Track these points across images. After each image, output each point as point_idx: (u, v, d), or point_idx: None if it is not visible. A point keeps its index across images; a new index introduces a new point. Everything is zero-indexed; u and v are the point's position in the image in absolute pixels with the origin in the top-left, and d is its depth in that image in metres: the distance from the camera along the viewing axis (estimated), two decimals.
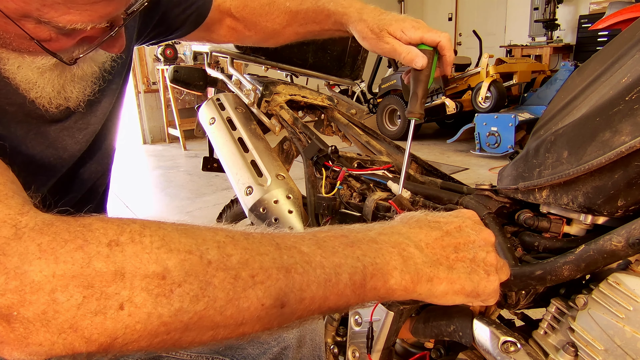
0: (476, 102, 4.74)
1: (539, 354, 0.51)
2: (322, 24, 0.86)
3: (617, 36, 0.62)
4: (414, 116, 0.74)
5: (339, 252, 0.41)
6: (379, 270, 0.41)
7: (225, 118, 1.16)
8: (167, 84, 5.40)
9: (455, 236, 0.48)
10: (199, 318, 0.33)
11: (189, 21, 0.87)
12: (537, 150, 0.54)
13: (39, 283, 0.30)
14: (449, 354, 0.68)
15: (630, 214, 0.47)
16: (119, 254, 0.32)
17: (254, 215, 0.94)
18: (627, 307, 0.44)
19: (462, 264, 0.46)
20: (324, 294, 0.38)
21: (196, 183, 4.07)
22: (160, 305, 0.32)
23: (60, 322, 0.30)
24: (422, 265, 0.44)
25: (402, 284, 0.42)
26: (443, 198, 0.70)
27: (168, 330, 0.32)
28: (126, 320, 0.31)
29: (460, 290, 0.45)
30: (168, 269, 0.33)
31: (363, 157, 0.93)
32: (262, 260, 0.36)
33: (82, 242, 0.32)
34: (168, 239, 0.34)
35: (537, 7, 6.42)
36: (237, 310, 0.34)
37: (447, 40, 0.74)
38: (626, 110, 0.43)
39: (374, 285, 0.41)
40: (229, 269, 0.35)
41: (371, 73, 6.17)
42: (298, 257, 0.38)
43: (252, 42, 0.99)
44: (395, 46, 0.75)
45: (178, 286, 0.32)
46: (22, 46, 0.49)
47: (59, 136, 0.62)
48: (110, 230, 0.33)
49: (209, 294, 0.33)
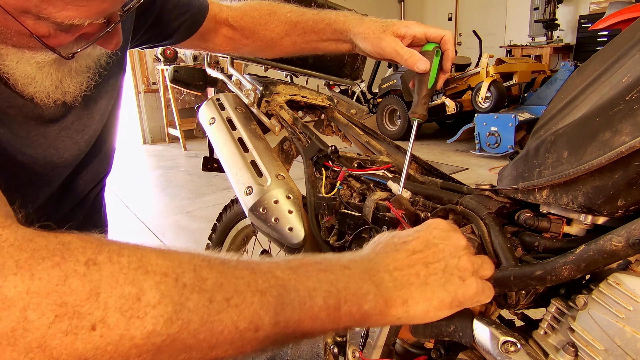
0: (476, 102, 4.74)
1: (539, 354, 0.51)
2: (320, 34, 0.86)
3: (617, 36, 0.62)
4: (416, 117, 0.74)
5: (312, 277, 0.41)
6: (352, 295, 0.42)
7: (225, 118, 1.16)
8: (167, 84, 5.40)
9: (422, 251, 0.48)
10: (172, 341, 0.33)
11: (182, 28, 0.87)
12: (537, 150, 0.54)
13: (12, 299, 0.29)
14: (449, 354, 0.68)
15: (630, 214, 0.47)
16: (96, 273, 0.32)
17: (254, 215, 0.94)
18: (627, 307, 0.44)
19: (434, 277, 0.46)
20: (299, 317, 0.38)
21: (196, 183, 4.07)
22: (133, 327, 0.31)
23: (28, 341, 0.29)
24: (394, 290, 0.44)
25: (377, 308, 0.43)
26: (443, 198, 0.70)
27: (139, 352, 0.32)
28: (97, 342, 0.30)
29: (440, 305, 0.45)
30: (143, 290, 0.32)
31: (363, 157, 0.93)
32: (237, 284, 0.37)
33: (59, 260, 0.31)
34: (145, 261, 0.34)
35: (537, 7, 6.43)
36: (210, 334, 0.34)
37: (450, 35, 0.76)
38: (626, 110, 0.43)
39: (349, 310, 0.41)
40: (204, 292, 0.35)
41: (371, 73, 6.17)
42: (272, 282, 0.39)
43: (248, 52, 0.98)
44: (397, 48, 0.75)
45: (152, 308, 0.32)
46: (21, 42, 0.50)
47: (59, 136, 0.63)
48: (88, 250, 0.33)
49: (183, 316, 0.33)
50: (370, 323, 0.44)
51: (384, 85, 5.67)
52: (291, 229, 0.88)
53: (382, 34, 0.76)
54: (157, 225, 3.12)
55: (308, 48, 0.91)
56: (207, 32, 0.92)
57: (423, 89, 0.74)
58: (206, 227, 2.62)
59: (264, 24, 0.90)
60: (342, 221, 0.79)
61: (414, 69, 0.75)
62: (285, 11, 0.90)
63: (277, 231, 0.90)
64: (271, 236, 0.93)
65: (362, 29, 0.79)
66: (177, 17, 0.85)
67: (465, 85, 5.09)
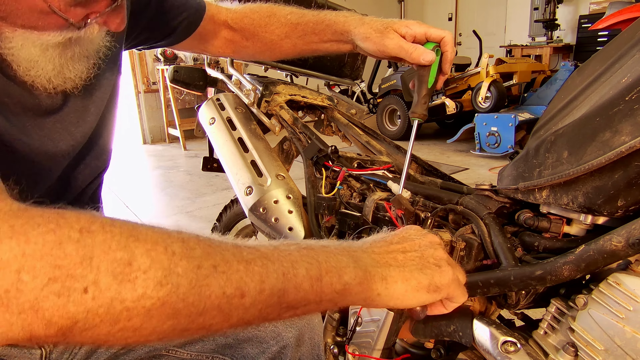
0: (476, 102, 4.74)
1: (539, 354, 0.51)
2: (321, 35, 0.86)
3: (617, 36, 0.62)
4: (416, 117, 0.74)
5: (294, 252, 0.43)
6: (333, 266, 0.44)
7: (225, 118, 1.16)
8: (167, 84, 5.40)
9: (400, 243, 0.51)
10: (162, 304, 0.34)
11: (180, 28, 0.87)
12: (537, 150, 0.54)
13: (7, 261, 0.30)
14: (449, 354, 0.68)
15: (630, 214, 0.47)
16: (89, 239, 0.33)
17: (254, 215, 0.94)
18: (627, 307, 0.44)
19: (412, 262, 0.48)
20: (283, 285, 0.40)
21: (196, 183, 4.07)
22: (124, 289, 0.32)
23: (21, 302, 0.30)
24: (372, 267, 0.46)
25: (357, 279, 0.44)
26: (443, 198, 0.70)
27: (130, 316, 0.33)
28: (89, 304, 0.31)
29: (417, 286, 0.47)
30: (135, 256, 0.34)
31: (363, 157, 0.93)
32: (223, 254, 0.38)
33: (54, 227, 0.32)
34: (136, 231, 0.35)
35: (537, 7, 6.43)
36: (198, 298, 0.35)
37: (450, 37, 0.76)
38: (626, 110, 0.43)
39: (330, 281, 0.43)
40: (192, 259, 0.36)
41: (371, 73, 6.17)
42: (257, 254, 0.40)
43: (249, 54, 0.98)
44: (401, 44, 0.75)
45: (143, 272, 0.33)
46: (31, 20, 0.50)
47: (54, 128, 0.63)
48: (82, 219, 0.34)
49: (173, 280, 0.34)
50: (352, 297, 0.45)
51: (384, 85, 5.67)
52: (291, 228, 0.88)
53: (384, 32, 0.76)
54: None
55: (309, 50, 0.91)
56: (206, 33, 0.92)
57: (423, 88, 0.74)
58: (206, 227, 2.62)
59: (264, 26, 0.90)
60: (342, 221, 0.79)
61: (419, 62, 0.74)
62: (285, 13, 0.89)
63: (277, 231, 0.90)
64: (271, 236, 0.93)
65: (363, 29, 0.79)
66: (174, 17, 0.85)
67: (465, 85, 5.08)
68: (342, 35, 0.83)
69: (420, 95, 0.74)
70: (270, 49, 0.93)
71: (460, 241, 0.59)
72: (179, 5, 0.85)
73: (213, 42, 0.94)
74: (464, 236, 0.60)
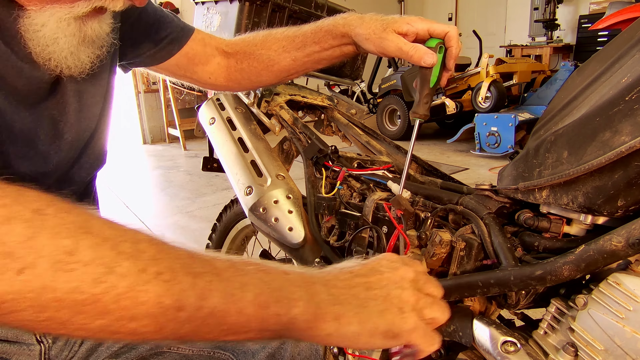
0: (476, 102, 4.74)
1: (539, 354, 0.51)
2: (322, 43, 0.84)
3: (617, 36, 0.62)
4: (417, 116, 0.73)
5: (250, 273, 0.41)
6: (284, 297, 0.41)
7: (225, 118, 1.16)
8: (167, 84, 5.40)
9: (366, 275, 0.47)
10: (94, 301, 0.33)
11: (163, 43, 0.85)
12: (537, 150, 0.54)
13: None
14: (449, 354, 0.68)
15: (630, 214, 0.47)
16: (39, 221, 0.33)
17: (254, 215, 0.94)
18: (627, 307, 0.44)
19: (374, 302, 0.44)
20: (226, 307, 0.38)
21: (196, 183, 4.07)
22: (58, 279, 0.32)
23: None
24: (327, 304, 0.43)
25: (305, 317, 0.41)
26: (443, 198, 0.70)
27: (59, 307, 0.32)
28: (19, 286, 0.31)
29: (374, 331, 0.43)
30: (79, 247, 0.33)
31: (363, 157, 0.93)
32: (172, 263, 0.37)
33: (9, 202, 0.32)
34: (90, 224, 0.35)
35: (537, 7, 6.43)
36: (133, 302, 0.34)
37: (455, 31, 0.73)
38: (626, 110, 0.43)
39: (277, 312, 0.40)
40: (138, 261, 0.35)
41: (371, 73, 6.17)
42: (208, 269, 0.39)
43: (244, 78, 0.93)
44: (400, 45, 0.73)
45: (83, 265, 0.33)
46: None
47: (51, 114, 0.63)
48: (41, 201, 0.34)
49: (111, 279, 0.33)
50: (297, 332, 0.42)
51: (384, 85, 5.67)
52: (291, 229, 0.89)
53: (383, 33, 0.75)
54: (157, 225, 3.11)
55: (311, 62, 0.87)
56: (195, 55, 0.89)
57: (425, 87, 0.73)
58: (206, 227, 2.62)
59: (260, 43, 0.89)
60: (342, 221, 0.79)
61: (420, 64, 0.72)
62: (281, 30, 0.88)
63: (277, 231, 0.90)
64: (271, 236, 0.93)
65: (363, 30, 0.77)
66: (157, 32, 0.83)
67: (465, 85, 5.08)
68: (343, 39, 0.82)
69: (422, 95, 0.73)
70: (268, 68, 0.89)
71: (460, 241, 0.59)
72: (164, 22, 0.84)
73: (204, 67, 0.91)
74: (464, 236, 0.60)
